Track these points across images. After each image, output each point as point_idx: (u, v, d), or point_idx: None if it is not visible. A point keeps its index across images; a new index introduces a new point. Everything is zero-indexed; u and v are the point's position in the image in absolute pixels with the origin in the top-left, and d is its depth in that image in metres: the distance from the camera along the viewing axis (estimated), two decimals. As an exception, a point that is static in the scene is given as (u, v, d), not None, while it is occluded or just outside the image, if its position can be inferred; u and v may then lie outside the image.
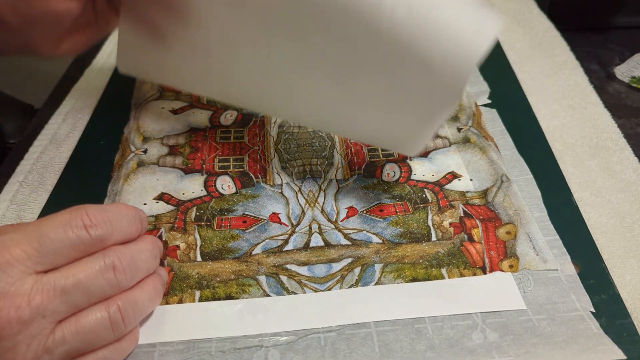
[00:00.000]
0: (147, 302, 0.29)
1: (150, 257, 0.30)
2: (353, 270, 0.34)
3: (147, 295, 0.29)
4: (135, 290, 0.29)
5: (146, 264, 0.29)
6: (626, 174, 0.40)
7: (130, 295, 0.28)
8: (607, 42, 0.57)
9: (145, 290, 0.29)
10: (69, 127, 0.46)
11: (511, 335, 0.30)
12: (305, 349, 0.30)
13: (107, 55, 0.56)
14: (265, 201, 0.39)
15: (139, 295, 0.29)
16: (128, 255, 0.28)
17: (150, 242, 0.30)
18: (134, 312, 0.28)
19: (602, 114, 0.46)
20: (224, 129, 0.45)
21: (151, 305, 0.30)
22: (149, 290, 0.29)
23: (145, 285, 0.29)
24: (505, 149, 0.42)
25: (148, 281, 0.30)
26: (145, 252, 0.29)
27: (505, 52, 0.54)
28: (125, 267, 0.28)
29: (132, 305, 0.28)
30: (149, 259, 0.30)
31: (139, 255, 0.29)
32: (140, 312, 0.29)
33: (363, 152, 0.43)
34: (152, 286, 0.30)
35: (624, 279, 0.33)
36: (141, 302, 0.29)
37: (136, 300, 0.28)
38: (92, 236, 0.27)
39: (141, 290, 0.29)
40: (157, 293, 0.30)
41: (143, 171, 0.41)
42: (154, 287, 0.30)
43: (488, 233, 0.36)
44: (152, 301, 0.30)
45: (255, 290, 0.33)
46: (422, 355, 0.29)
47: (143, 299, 0.29)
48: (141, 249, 0.29)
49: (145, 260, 0.29)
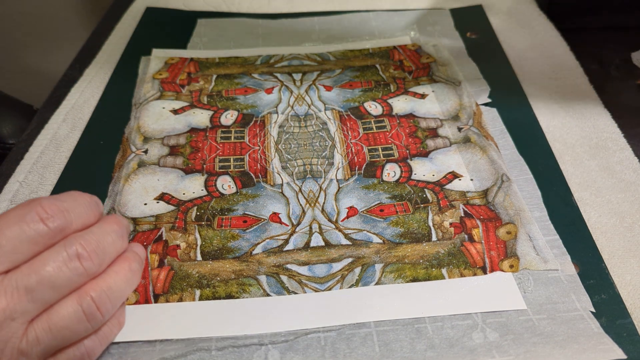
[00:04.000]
0: (124, 285, 0.28)
1: (117, 238, 0.28)
2: (353, 270, 0.34)
3: (122, 278, 0.28)
4: (108, 276, 0.27)
5: (113, 245, 0.28)
6: (626, 174, 0.40)
7: (103, 283, 0.27)
8: (607, 42, 0.57)
9: (120, 273, 0.28)
10: (69, 127, 0.46)
11: (511, 335, 0.30)
12: (305, 348, 0.30)
13: (107, 55, 0.56)
14: (265, 201, 0.39)
15: (114, 281, 0.27)
16: (92, 240, 0.27)
17: (115, 222, 0.29)
18: (111, 299, 0.27)
19: (602, 114, 0.46)
20: (225, 129, 0.46)
21: (129, 287, 0.28)
22: (124, 272, 0.28)
23: (118, 268, 0.28)
24: (505, 148, 0.42)
25: (122, 263, 0.28)
26: (111, 234, 0.28)
27: (505, 52, 0.54)
28: (90, 253, 0.26)
29: (107, 293, 0.27)
30: (116, 240, 0.28)
31: (104, 238, 0.27)
32: (117, 297, 0.27)
33: (363, 152, 0.43)
34: (127, 268, 0.28)
35: (624, 279, 0.33)
36: (117, 288, 0.27)
37: (110, 286, 0.27)
38: (50, 228, 0.26)
39: (115, 274, 0.27)
40: (134, 273, 0.29)
41: (144, 171, 0.41)
42: (129, 268, 0.28)
43: (488, 233, 0.36)
44: (129, 283, 0.28)
45: (256, 289, 0.33)
46: (422, 355, 0.29)
47: (118, 283, 0.27)
48: (105, 230, 0.28)
49: (112, 242, 0.28)
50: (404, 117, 0.46)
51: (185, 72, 0.52)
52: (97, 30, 0.62)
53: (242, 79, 0.51)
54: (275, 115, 0.47)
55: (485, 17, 0.60)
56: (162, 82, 0.51)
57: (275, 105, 0.48)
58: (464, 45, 0.55)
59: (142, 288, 0.33)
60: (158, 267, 0.34)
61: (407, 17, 0.60)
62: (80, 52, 0.58)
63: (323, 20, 0.61)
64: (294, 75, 0.52)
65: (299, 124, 0.46)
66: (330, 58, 0.54)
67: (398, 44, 0.56)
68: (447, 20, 0.60)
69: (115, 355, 0.29)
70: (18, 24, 1.03)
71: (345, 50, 0.55)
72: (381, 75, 0.51)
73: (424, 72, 0.52)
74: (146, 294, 0.33)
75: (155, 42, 0.57)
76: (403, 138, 0.44)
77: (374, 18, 0.61)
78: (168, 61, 0.54)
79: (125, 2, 0.66)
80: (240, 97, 0.49)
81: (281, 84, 0.51)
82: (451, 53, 0.54)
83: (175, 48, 0.56)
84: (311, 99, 0.49)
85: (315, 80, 0.51)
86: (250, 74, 0.52)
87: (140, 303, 0.32)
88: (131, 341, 0.30)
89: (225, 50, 0.56)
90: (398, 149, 0.43)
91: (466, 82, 0.50)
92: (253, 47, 0.56)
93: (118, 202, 0.38)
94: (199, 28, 0.60)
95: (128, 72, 0.53)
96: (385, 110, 0.47)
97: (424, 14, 0.61)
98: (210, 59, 0.54)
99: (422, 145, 0.43)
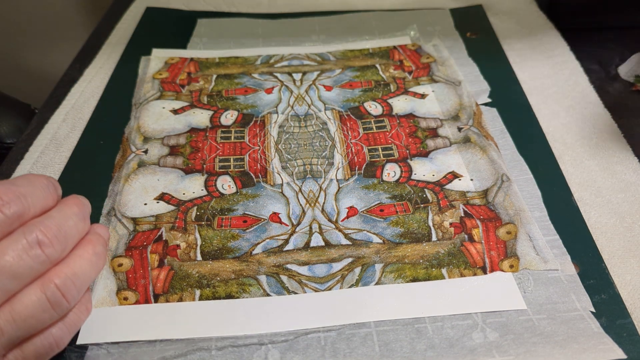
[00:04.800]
0: (89, 269, 0.27)
1: (79, 221, 0.27)
2: (353, 270, 0.34)
3: (86, 262, 0.27)
4: (72, 261, 0.26)
5: (75, 228, 0.27)
6: (626, 174, 0.40)
7: (67, 269, 0.26)
8: (607, 42, 0.56)
9: (85, 257, 0.27)
10: (69, 127, 0.46)
11: (511, 335, 0.30)
12: (305, 348, 0.30)
13: (107, 55, 0.56)
14: (265, 201, 0.39)
15: (78, 265, 0.26)
16: (52, 225, 0.26)
17: (75, 204, 0.28)
18: (76, 285, 0.26)
19: (602, 114, 0.46)
20: (225, 129, 0.46)
21: (94, 271, 0.28)
22: (89, 256, 0.27)
23: (82, 251, 0.27)
24: (505, 148, 0.42)
25: (85, 246, 0.27)
26: (72, 217, 0.27)
27: (505, 52, 0.54)
28: (52, 239, 0.25)
29: (72, 279, 0.26)
30: (78, 222, 0.27)
31: (65, 222, 0.26)
32: (82, 282, 0.26)
33: (363, 152, 0.43)
34: (92, 251, 0.27)
35: (624, 279, 0.33)
36: (82, 273, 0.26)
37: (75, 272, 0.26)
38: (7, 215, 0.24)
39: (80, 259, 0.27)
40: (99, 257, 0.28)
41: (144, 171, 0.41)
42: (94, 251, 0.27)
43: (488, 233, 0.36)
44: (94, 267, 0.27)
45: (256, 289, 0.33)
46: (422, 354, 0.29)
47: (83, 268, 0.26)
48: (66, 214, 0.27)
49: (73, 225, 0.27)
50: (404, 117, 0.46)
51: (185, 72, 0.52)
52: (97, 30, 0.62)
53: (242, 79, 0.51)
54: (275, 115, 0.47)
55: (485, 17, 0.60)
56: (162, 82, 0.51)
57: (275, 105, 0.48)
58: (464, 45, 0.55)
59: (142, 288, 0.33)
60: (158, 267, 0.34)
61: (407, 17, 0.60)
62: (80, 52, 0.58)
63: (323, 20, 0.61)
64: (294, 75, 0.52)
65: (299, 124, 0.46)
66: (330, 58, 0.54)
67: (398, 44, 0.56)
68: (447, 20, 0.60)
69: (115, 355, 0.29)
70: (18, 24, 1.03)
71: (345, 50, 0.55)
72: (381, 75, 0.51)
73: (424, 72, 0.52)
74: (146, 294, 0.33)
75: (155, 42, 0.57)
76: (403, 138, 0.44)
77: (374, 18, 0.61)
78: (168, 61, 0.54)
79: (125, 2, 0.66)
80: (240, 97, 0.49)
81: (281, 84, 0.51)
82: (451, 53, 0.54)
83: (175, 48, 0.56)
84: (311, 99, 0.49)
85: (315, 80, 0.51)
86: (250, 74, 0.52)
87: (140, 303, 0.32)
88: (131, 341, 0.30)
89: (225, 50, 0.56)
90: (398, 149, 0.43)
91: (466, 82, 0.50)
92: (253, 47, 0.56)
93: (118, 202, 0.38)
94: (199, 28, 0.60)
95: (128, 72, 0.53)
96: (385, 110, 0.47)
97: (424, 14, 0.61)
98: (210, 59, 0.55)
99: (422, 145, 0.43)
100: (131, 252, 0.35)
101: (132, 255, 0.35)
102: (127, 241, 0.36)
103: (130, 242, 0.36)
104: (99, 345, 0.30)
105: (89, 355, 0.29)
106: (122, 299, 0.32)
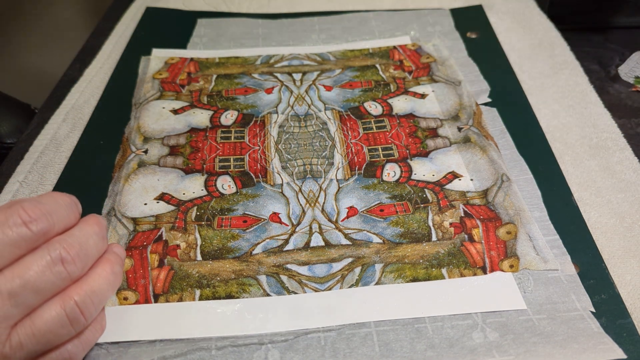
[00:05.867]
0: (106, 288, 0.28)
1: (99, 240, 0.28)
2: (353, 270, 0.34)
3: (105, 281, 0.27)
4: (92, 279, 0.27)
5: (95, 248, 0.28)
6: (626, 174, 0.40)
7: (87, 287, 0.26)
8: (607, 42, 0.57)
9: (103, 276, 0.27)
10: (69, 127, 0.46)
11: (511, 335, 0.30)
12: (305, 348, 0.30)
13: (107, 55, 0.56)
14: (265, 201, 0.39)
15: (97, 283, 0.27)
16: (75, 243, 0.26)
17: (96, 224, 0.28)
18: (94, 302, 0.27)
19: (602, 114, 0.46)
20: (225, 129, 0.46)
21: (111, 290, 0.28)
22: (107, 275, 0.28)
23: (101, 270, 0.28)
24: (505, 148, 0.42)
25: (104, 265, 0.28)
26: (93, 236, 0.28)
27: (505, 52, 0.54)
28: (74, 257, 0.26)
29: (91, 297, 0.26)
30: (98, 242, 0.28)
31: (86, 241, 0.27)
32: (100, 301, 0.27)
33: (363, 152, 0.43)
34: (110, 270, 0.28)
35: (624, 279, 0.33)
36: (100, 291, 0.27)
37: (94, 290, 0.27)
38: (33, 232, 0.25)
39: (98, 277, 0.27)
40: (116, 276, 0.29)
41: (144, 171, 0.41)
42: (112, 270, 0.28)
43: (488, 233, 0.36)
44: (112, 286, 0.28)
45: (256, 289, 0.33)
46: (422, 354, 0.29)
47: (101, 286, 0.27)
48: (87, 233, 0.27)
49: (94, 244, 0.28)
50: (404, 117, 0.46)
51: (185, 72, 0.52)
52: (97, 30, 0.62)
53: (242, 79, 0.51)
54: (275, 115, 0.47)
55: (485, 17, 0.60)
56: (162, 82, 0.51)
57: (275, 105, 0.48)
58: (464, 45, 0.55)
59: (142, 288, 0.33)
60: (158, 267, 0.34)
61: (407, 17, 0.60)
62: (80, 52, 0.58)
63: (323, 20, 0.61)
64: (294, 75, 0.52)
65: (299, 124, 0.46)
66: (330, 58, 0.54)
67: (398, 44, 0.56)
68: (447, 20, 0.60)
69: (115, 355, 0.29)
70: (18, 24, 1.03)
71: (345, 50, 0.55)
72: (381, 75, 0.51)
73: (424, 72, 0.52)
74: (146, 294, 0.33)
75: (155, 42, 0.57)
76: (403, 138, 0.44)
77: (374, 18, 0.61)
78: (168, 61, 0.54)
79: (125, 2, 0.66)
80: (240, 97, 0.49)
81: (281, 84, 0.51)
82: (451, 53, 0.54)
83: (175, 48, 0.56)
84: (311, 99, 0.49)
85: (315, 80, 0.51)
86: (250, 74, 0.52)
87: (140, 303, 0.32)
88: (131, 341, 0.30)
89: (225, 50, 0.56)
90: (398, 148, 0.43)
91: (466, 82, 0.50)
92: (253, 47, 0.56)
93: (118, 202, 0.38)
94: (199, 28, 0.60)
95: (128, 72, 0.53)
96: (385, 110, 0.47)
97: (424, 14, 0.61)
98: (210, 59, 0.55)
99: (422, 145, 0.43)
100: (131, 252, 0.35)
101: (132, 255, 0.35)
102: (127, 241, 0.36)
103: (130, 242, 0.36)
104: (99, 345, 0.30)
105: (89, 354, 0.29)
106: (122, 299, 0.32)
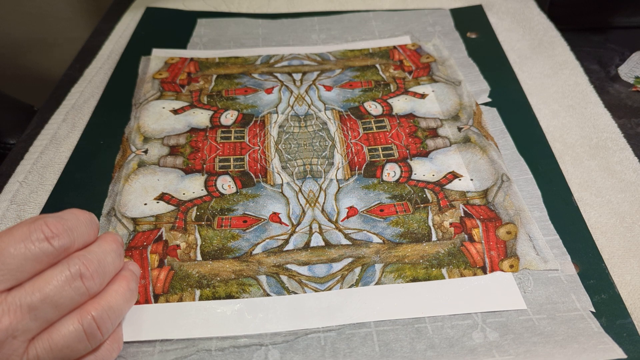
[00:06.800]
0: (123, 304, 0.28)
1: (116, 257, 0.29)
2: (353, 270, 0.34)
3: (121, 297, 0.28)
4: (109, 295, 0.28)
5: (113, 265, 0.29)
6: (626, 174, 0.40)
7: (104, 302, 0.27)
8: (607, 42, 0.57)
9: (119, 292, 0.28)
10: (69, 127, 0.46)
11: (511, 335, 0.30)
12: (305, 348, 0.30)
13: (107, 55, 0.56)
14: (265, 201, 0.39)
15: (114, 300, 0.28)
16: (94, 260, 0.27)
17: (113, 241, 0.29)
18: (111, 318, 0.27)
19: (602, 114, 0.46)
20: (225, 129, 0.46)
21: (127, 306, 0.29)
22: (123, 292, 0.28)
23: (118, 287, 0.28)
24: (505, 148, 0.42)
25: (120, 282, 0.29)
26: (111, 254, 0.29)
27: (505, 52, 0.54)
28: (93, 273, 0.27)
29: (108, 312, 0.27)
30: (115, 259, 0.29)
31: (104, 258, 0.28)
32: (116, 316, 0.28)
33: (363, 152, 0.43)
34: (126, 287, 0.29)
35: (624, 279, 0.33)
36: (117, 307, 0.28)
37: (111, 306, 0.27)
38: (55, 247, 0.26)
39: (115, 294, 0.28)
40: (132, 293, 0.29)
41: (144, 171, 0.41)
42: (128, 287, 0.29)
43: (488, 233, 0.36)
44: (128, 302, 0.29)
45: (256, 289, 0.33)
46: (422, 354, 0.29)
47: (118, 302, 0.28)
48: (106, 250, 0.28)
49: (111, 261, 0.28)
50: (404, 117, 0.46)
51: (185, 72, 0.52)
52: (97, 30, 0.62)
53: (242, 79, 0.51)
54: (275, 115, 0.47)
55: (485, 17, 0.60)
56: (162, 82, 0.51)
57: (275, 105, 0.48)
58: (464, 45, 0.55)
59: (142, 288, 0.33)
60: (158, 267, 0.34)
61: (407, 17, 0.60)
62: (80, 52, 0.58)
63: (323, 20, 0.61)
64: (294, 75, 0.52)
65: (299, 124, 0.46)
66: (330, 58, 0.54)
67: (398, 44, 0.56)
68: (447, 20, 0.60)
69: (115, 355, 0.29)
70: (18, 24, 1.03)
71: (345, 50, 0.55)
72: (381, 75, 0.51)
73: (424, 72, 0.52)
74: (146, 294, 0.33)
75: (155, 42, 0.57)
76: (403, 138, 0.44)
77: (374, 18, 0.61)
78: (168, 61, 0.54)
79: (125, 2, 0.66)
80: (240, 97, 0.49)
81: (281, 84, 0.51)
82: (451, 53, 0.54)
83: (175, 48, 0.56)
84: (311, 99, 0.49)
85: (315, 80, 0.51)
86: (250, 74, 0.52)
87: (140, 303, 0.32)
88: (131, 341, 0.30)
89: (225, 50, 0.56)
90: (398, 148, 0.43)
91: (466, 82, 0.50)
92: (253, 47, 0.56)
93: (118, 202, 0.38)
94: (199, 28, 0.60)
95: (128, 72, 0.53)
96: (385, 110, 0.47)
97: (424, 14, 0.61)
98: (210, 59, 0.55)
99: (422, 145, 0.43)
100: (131, 252, 0.35)
101: (132, 256, 0.35)
102: (127, 241, 0.36)
103: (130, 242, 0.36)
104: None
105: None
106: (122, 299, 0.32)
